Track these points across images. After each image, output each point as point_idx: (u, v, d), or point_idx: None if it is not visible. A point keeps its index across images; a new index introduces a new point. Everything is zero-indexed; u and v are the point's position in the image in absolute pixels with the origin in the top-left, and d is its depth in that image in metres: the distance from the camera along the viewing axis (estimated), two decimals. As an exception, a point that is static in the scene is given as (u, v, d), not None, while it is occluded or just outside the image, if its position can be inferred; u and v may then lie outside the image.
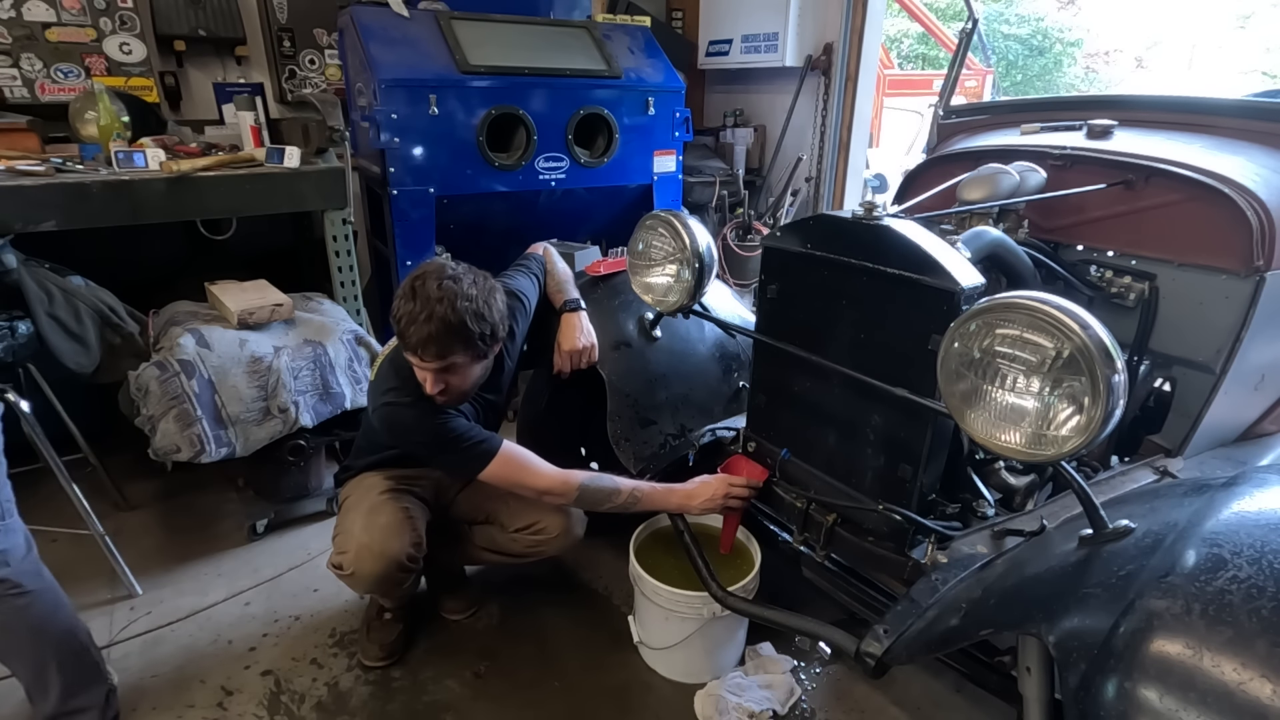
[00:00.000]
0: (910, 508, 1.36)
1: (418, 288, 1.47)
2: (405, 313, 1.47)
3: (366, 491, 1.75)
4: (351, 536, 1.68)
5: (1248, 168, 1.52)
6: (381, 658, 1.85)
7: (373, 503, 1.72)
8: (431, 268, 1.51)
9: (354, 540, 1.67)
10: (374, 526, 1.67)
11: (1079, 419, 1.00)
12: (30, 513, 2.38)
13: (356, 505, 1.74)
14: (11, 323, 1.98)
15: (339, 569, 1.70)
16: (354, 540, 1.67)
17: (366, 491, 1.75)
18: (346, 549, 1.68)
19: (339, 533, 1.74)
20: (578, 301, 1.92)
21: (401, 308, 1.48)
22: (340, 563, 1.69)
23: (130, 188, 2.11)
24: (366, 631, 1.89)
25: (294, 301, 2.39)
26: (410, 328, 1.45)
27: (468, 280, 1.50)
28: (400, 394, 1.58)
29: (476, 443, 1.58)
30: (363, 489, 1.77)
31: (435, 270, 1.50)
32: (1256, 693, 0.71)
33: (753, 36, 4.19)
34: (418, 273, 1.51)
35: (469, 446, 1.58)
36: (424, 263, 1.56)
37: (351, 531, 1.68)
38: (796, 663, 1.86)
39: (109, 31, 2.93)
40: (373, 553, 1.65)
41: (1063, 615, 0.89)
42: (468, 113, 2.85)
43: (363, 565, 1.65)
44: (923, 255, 1.25)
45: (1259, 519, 0.92)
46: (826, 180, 4.30)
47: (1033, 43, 13.52)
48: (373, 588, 1.74)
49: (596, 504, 1.65)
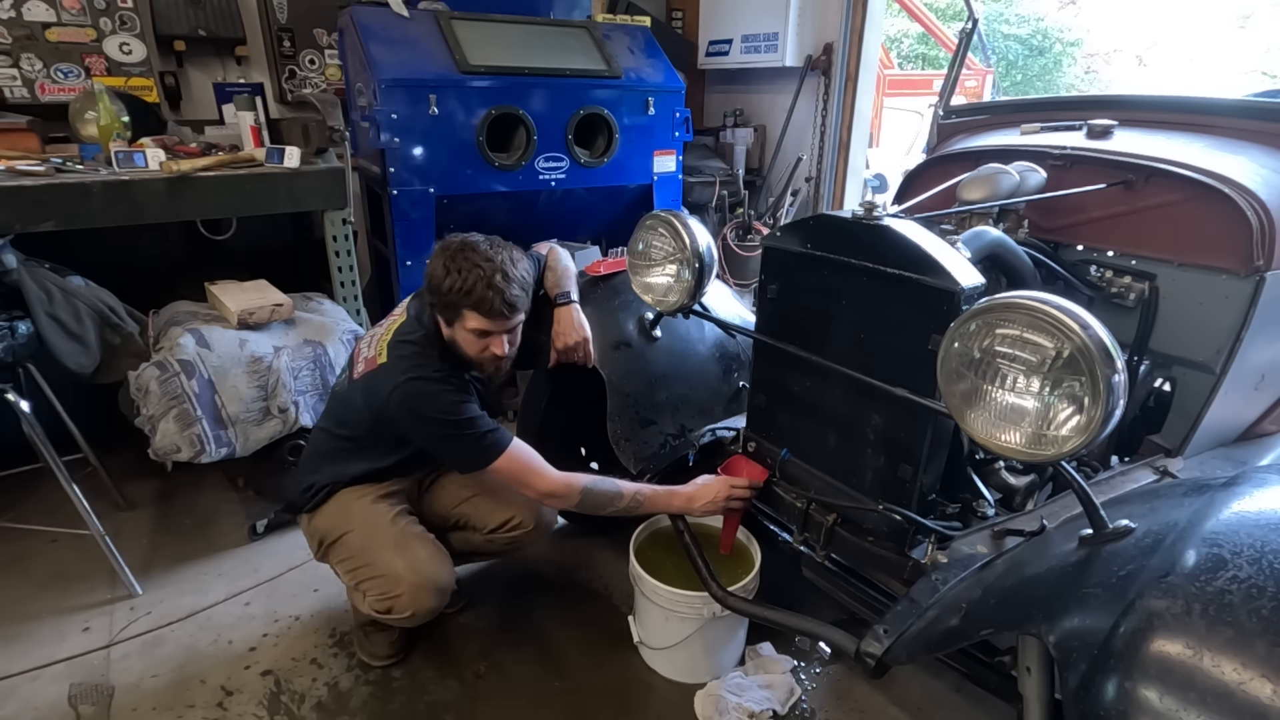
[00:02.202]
0: (910, 508, 1.36)
1: (462, 259, 1.52)
2: (466, 282, 1.50)
3: (374, 521, 1.71)
4: (399, 579, 1.63)
5: (1248, 168, 1.52)
6: (390, 655, 1.84)
7: (396, 535, 1.69)
8: (457, 241, 1.56)
9: (404, 582, 1.63)
10: (417, 561, 1.66)
11: (1079, 419, 1.00)
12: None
13: (377, 540, 1.68)
14: (11, 323, 1.98)
15: (388, 613, 1.65)
16: (404, 582, 1.63)
17: (374, 521, 1.71)
18: (397, 591, 1.63)
19: (373, 575, 1.66)
20: (568, 295, 1.91)
21: (455, 281, 1.51)
22: (391, 606, 1.64)
23: (130, 188, 2.11)
24: (365, 634, 1.86)
25: (294, 301, 2.39)
26: (477, 293, 1.50)
27: (497, 243, 1.58)
28: (427, 371, 1.57)
29: (491, 433, 1.58)
30: (366, 517, 1.71)
31: (467, 242, 1.55)
32: (1256, 693, 0.71)
33: (753, 36, 4.19)
34: (452, 247, 1.55)
35: (483, 435, 1.57)
36: (446, 240, 1.59)
37: (395, 573, 1.64)
38: (796, 663, 1.86)
39: (109, 31, 2.93)
40: (428, 589, 1.64)
41: (1063, 615, 0.89)
42: (468, 113, 2.85)
43: (422, 603, 1.64)
44: (923, 255, 1.25)
45: (1259, 519, 0.92)
46: (826, 180, 4.30)
47: (1033, 43, 13.51)
48: (425, 620, 1.71)
49: (599, 507, 1.65)
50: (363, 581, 1.69)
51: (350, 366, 1.75)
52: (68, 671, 1.81)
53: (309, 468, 1.80)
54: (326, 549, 1.76)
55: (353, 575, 1.71)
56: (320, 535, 1.75)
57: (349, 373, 1.74)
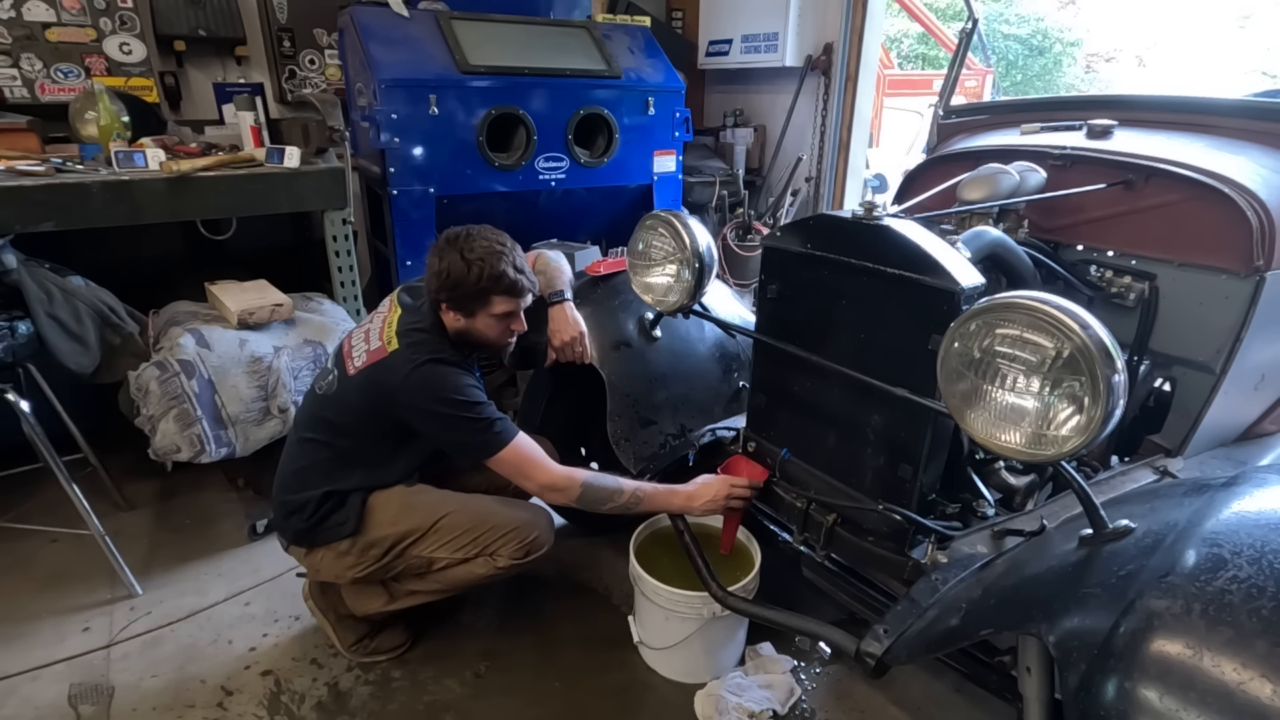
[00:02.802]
0: (910, 508, 1.36)
1: (480, 249, 1.58)
2: (494, 269, 1.57)
3: (464, 498, 1.76)
4: (530, 524, 1.73)
5: (1248, 168, 1.52)
6: (402, 642, 1.87)
7: (491, 499, 1.78)
8: (460, 233, 1.62)
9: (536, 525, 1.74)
10: (527, 506, 1.79)
11: (1079, 419, 1.00)
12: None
13: (483, 508, 1.74)
14: (11, 323, 1.98)
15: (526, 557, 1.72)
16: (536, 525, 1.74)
17: (464, 498, 1.76)
18: (533, 534, 1.72)
19: (503, 533, 1.70)
20: (562, 294, 1.91)
21: (480, 269, 1.56)
22: (529, 550, 1.72)
23: (130, 188, 2.11)
24: (372, 634, 1.85)
25: (294, 301, 2.39)
26: (507, 278, 1.59)
27: (489, 229, 1.66)
28: (445, 355, 1.60)
29: (499, 422, 1.60)
30: (454, 499, 1.74)
31: (470, 232, 1.62)
32: (1256, 693, 0.71)
33: (753, 36, 4.20)
34: (460, 240, 1.60)
35: (492, 423, 1.59)
36: (447, 235, 1.63)
37: (524, 519, 1.74)
38: (796, 663, 1.86)
39: (109, 31, 2.94)
40: (551, 521, 1.79)
41: (1063, 615, 0.89)
42: (468, 113, 2.85)
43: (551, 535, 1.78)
44: (923, 255, 1.25)
45: (1259, 519, 0.92)
46: (826, 180, 4.30)
47: (1033, 43, 13.51)
48: None
49: (598, 503, 1.65)
50: (490, 544, 1.70)
51: (340, 365, 1.68)
52: (68, 671, 1.81)
53: (293, 487, 1.69)
54: (409, 545, 1.68)
55: (472, 546, 1.69)
56: (392, 541, 1.67)
57: (339, 371, 1.67)
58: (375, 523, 1.67)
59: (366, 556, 1.68)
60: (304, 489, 1.67)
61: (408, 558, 1.70)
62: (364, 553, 1.68)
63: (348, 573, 1.70)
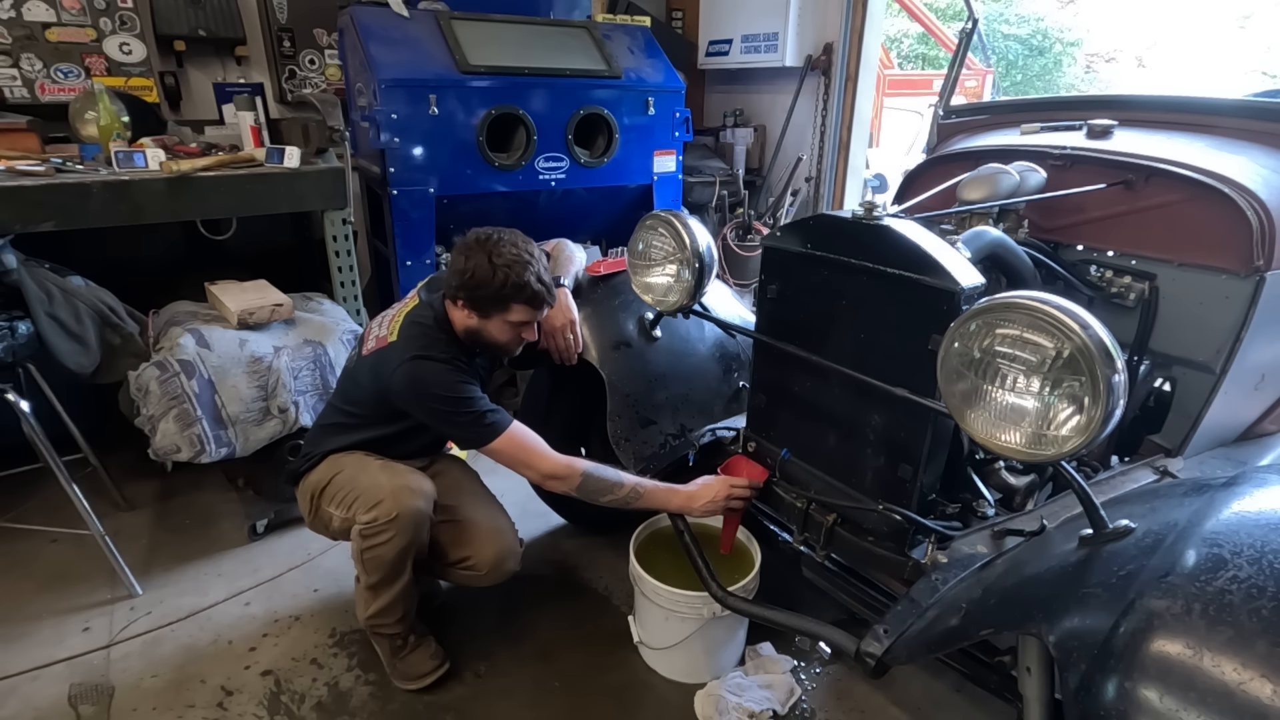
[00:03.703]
0: (910, 508, 1.36)
1: (509, 255, 1.58)
2: (520, 278, 1.58)
3: (363, 460, 1.71)
4: (380, 487, 1.63)
5: (1248, 168, 1.52)
6: (434, 668, 1.79)
7: (382, 464, 1.71)
8: (484, 233, 1.62)
9: (384, 489, 1.62)
10: (398, 472, 1.68)
11: (1079, 419, 1.00)
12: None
13: (365, 470, 1.68)
14: (11, 323, 1.98)
15: (372, 523, 1.60)
16: (384, 489, 1.62)
17: (363, 460, 1.71)
18: (379, 498, 1.61)
19: (355, 495, 1.65)
20: (559, 279, 1.90)
21: (506, 276, 1.57)
22: (376, 515, 1.60)
23: (130, 188, 2.11)
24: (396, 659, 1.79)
25: (294, 301, 2.39)
26: (530, 288, 1.60)
27: (517, 234, 1.65)
28: (434, 351, 1.61)
29: (491, 413, 1.61)
30: (356, 460, 1.72)
31: (500, 237, 1.61)
32: (1256, 693, 0.71)
33: (753, 36, 4.19)
34: (485, 240, 1.60)
35: (483, 414, 1.60)
36: (477, 236, 1.63)
37: (378, 483, 1.64)
38: (796, 663, 1.86)
39: (109, 31, 2.94)
40: (411, 490, 1.64)
41: (1063, 615, 0.89)
42: (468, 113, 2.85)
43: (405, 503, 1.61)
44: (923, 255, 1.25)
45: (1259, 519, 0.92)
46: (826, 180, 4.30)
47: (1033, 43, 13.51)
48: (413, 533, 1.64)
49: (598, 494, 1.65)
50: (352, 505, 1.65)
51: (361, 344, 1.80)
52: (68, 671, 1.81)
53: (313, 440, 1.83)
54: (318, 499, 1.74)
55: (343, 505, 1.68)
56: (311, 490, 1.75)
57: (359, 350, 1.79)
58: (315, 469, 1.77)
59: (304, 501, 1.79)
60: (315, 443, 1.80)
61: (320, 511, 1.75)
62: (302, 497, 1.79)
63: (307, 520, 1.83)
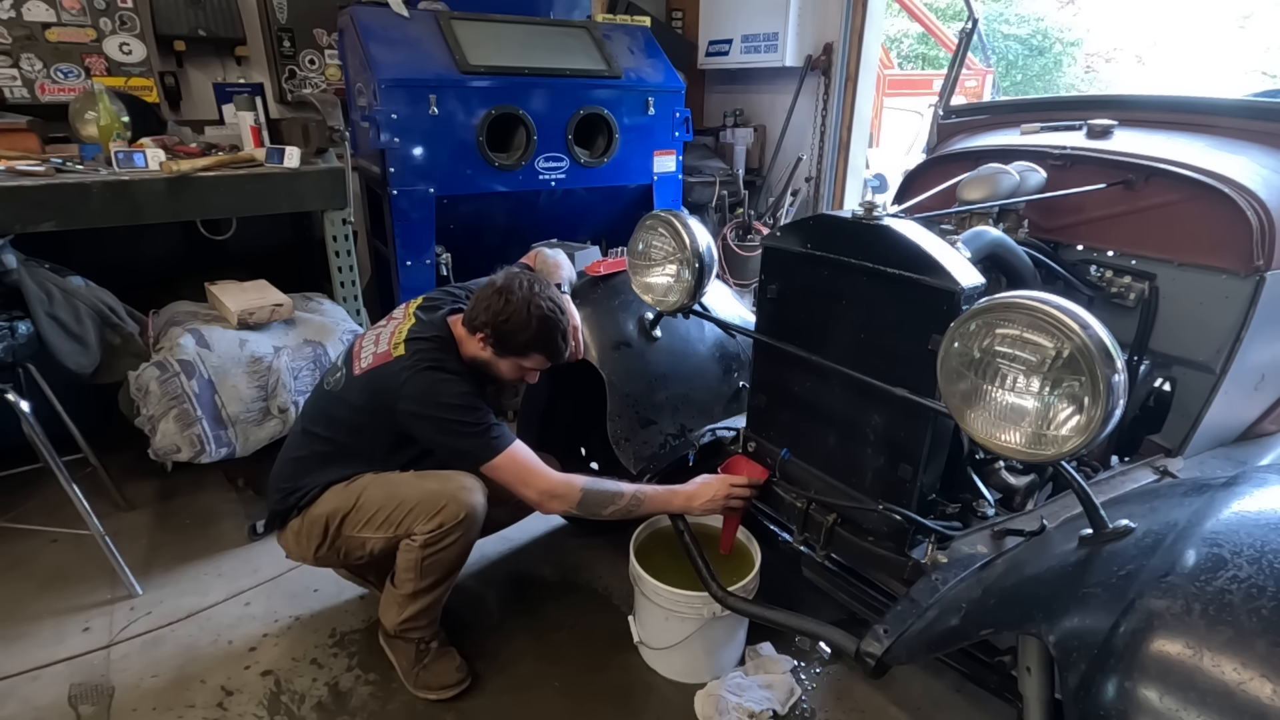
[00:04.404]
0: (910, 508, 1.36)
1: (533, 302, 1.62)
2: (551, 333, 1.65)
3: (388, 478, 1.68)
4: (436, 494, 1.61)
5: (1248, 168, 1.52)
6: (458, 680, 1.77)
7: (414, 474, 1.69)
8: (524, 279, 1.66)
9: (442, 494, 1.61)
10: (444, 477, 1.65)
11: (1079, 419, 1.00)
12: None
13: (398, 483, 1.66)
14: (11, 323, 1.98)
15: (439, 529, 1.60)
16: (442, 494, 1.61)
17: (388, 478, 1.68)
18: (440, 504, 1.60)
19: (410, 506, 1.61)
20: (559, 287, 1.89)
21: (539, 328, 1.63)
22: (442, 521, 1.59)
23: (130, 188, 2.11)
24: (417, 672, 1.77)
25: (294, 301, 2.39)
26: (555, 344, 1.67)
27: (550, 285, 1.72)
28: (446, 364, 1.63)
29: (495, 427, 1.61)
30: (377, 479, 1.68)
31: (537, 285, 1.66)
32: (1256, 693, 0.71)
33: (753, 36, 4.20)
34: (527, 287, 1.64)
35: (488, 429, 1.60)
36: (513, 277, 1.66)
37: (430, 490, 1.62)
38: (796, 663, 1.86)
39: (109, 31, 2.94)
40: (466, 489, 1.63)
41: (1063, 615, 0.89)
42: (468, 113, 2.85)
43: (467, 501, 1.61)
44: (923, 255, 1.25)
45: (1259, 519, 0.92)
46: (826, 180, 4.30)
47: (1033, 43, 13.51)
48: (477, 529, 1.67)
49: (599, 506, 1.64)
50: (402, 520, 1.62)
51: (348, 364, 1.71)
52: (68, 671, 1.81)
53: (293, 475, 1.72)
54: (339, 526, 1.67)
55: (386, 525, 1.64)
56: (325, 519, 1.68)
57: (346, 370, 1.70)
58: (319, 501, 1.70)
59: (313, 534, 1.70)
60: (297, 477, 1.71)
61: (345, 538, 1.69)
62: (311, 530, 1.70)
63: (307, 554, 1.74)
